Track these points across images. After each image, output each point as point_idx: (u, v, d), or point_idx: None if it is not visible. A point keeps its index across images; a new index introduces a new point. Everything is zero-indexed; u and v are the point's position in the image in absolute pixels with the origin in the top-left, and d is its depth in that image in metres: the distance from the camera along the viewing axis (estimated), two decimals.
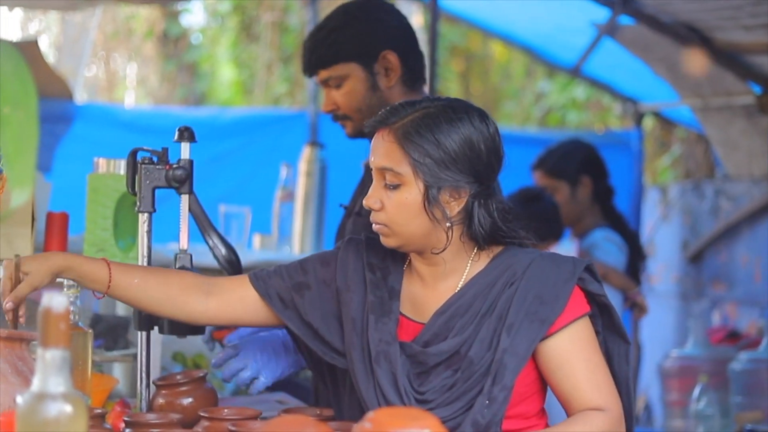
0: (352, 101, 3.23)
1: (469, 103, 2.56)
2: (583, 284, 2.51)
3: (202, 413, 2.65)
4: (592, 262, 2.58)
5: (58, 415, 1.68)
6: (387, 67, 3.24)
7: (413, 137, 2.45)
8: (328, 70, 3.24)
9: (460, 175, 2.45)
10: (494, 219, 2.49)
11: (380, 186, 2.50)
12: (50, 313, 1.71)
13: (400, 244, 2.52)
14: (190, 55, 12.74)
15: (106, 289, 2.65)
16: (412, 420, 1.78)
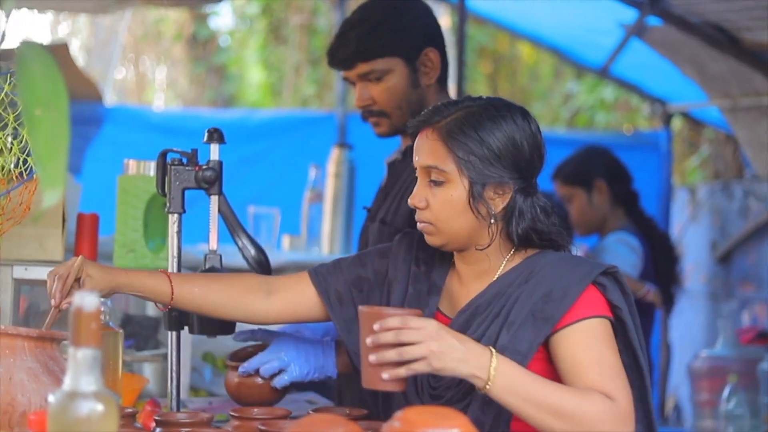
0: (392, 97, 3.19)
1: (510, 101, 2.58)
2: (603, 291, 2.48)
3: (232, 413, 2.66)
4: (618, 270, 2.52)
5: (90, 413, 1.70)
6: (428, 64, 3.22)
7: (457, 135, 2.47)
8: (369, 63, 3.19)
9: (504, 171, 2.47)
10: (535, 216, 2.50)
11: (425, 184, 2.53)
12: (81, 312, 1.73)
13: (444, 242, 2.54)
14: (219, 57, 12.76)
15: (170, 300, 2.71)
16: (442, 419, 1.79)
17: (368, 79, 3.21)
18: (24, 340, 2.38)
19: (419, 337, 2.25)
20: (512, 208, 2.50)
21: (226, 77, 12.81)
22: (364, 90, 3.22)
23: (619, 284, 2.50)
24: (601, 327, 2.44)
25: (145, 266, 3.48)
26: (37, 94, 1.63)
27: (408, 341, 2.25)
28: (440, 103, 2.58)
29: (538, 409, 2.29)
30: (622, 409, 2.33)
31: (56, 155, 1.60)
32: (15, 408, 2.29)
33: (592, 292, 2.46)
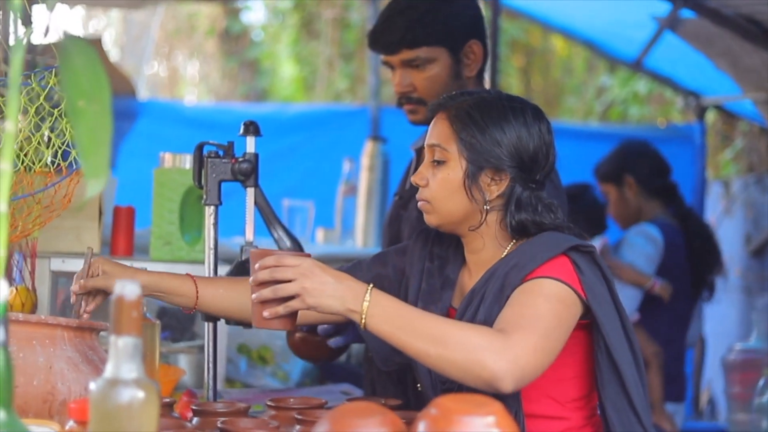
0: (433, 86, 3.18)
1: (527, 100, 2.62)
2: (576, 268, 2.42)
3: (269, 402, 2.68)
4: (594, 251, 2.47)
5: (131, 400, 1.71)
6: (471, 57, 3.23)
7: (464, 118, 2.52)
8: (414, 50, 3.18)
9: (502, 161, 2.50)
10: (533, 211, 2.52)
11: (428, 163, 2.57)
12: (123, 301, 1.74)
13: (440, 222, 2.57)
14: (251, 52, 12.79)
15: (195, 303, 2.72)
16: (478, 406, 1.80)
17: (411, 65, 3.20)
18: (63, 330, 2.41)
19: (293, 275, 2.29)
20: (509, 198, 2.52)
21: (258, 72, 12.83)
22: (404, 76, 3.22)
23: (598, 267, 2.45)
24: (554, 287, 2.38)
25: (180, 258, 3.50)
26: (80, 86, 1.65)
27: (282, 278, 2.29)
28: (459, 90, 2.64)
29: (413, 337, 2.27)
30: (510, 344, 2.25)
31: (99, 147, 1.62)
32: (55, 396, 2.32)
33: (561, 261, 2.42)
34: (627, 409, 2.46)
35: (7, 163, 1.57)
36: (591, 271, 2.43)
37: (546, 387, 2.50)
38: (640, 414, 2.46)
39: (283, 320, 2.37)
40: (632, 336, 2.48)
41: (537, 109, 2.59)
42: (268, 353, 4.06)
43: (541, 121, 2.56)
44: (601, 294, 2.43)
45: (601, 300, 2.42)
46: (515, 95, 2.64)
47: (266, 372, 4.01)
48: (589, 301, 2.40)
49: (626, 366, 2.45)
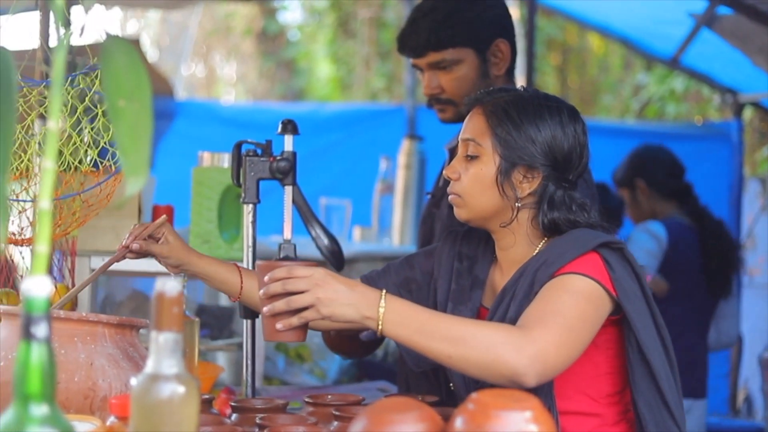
0: (461, 86, 3.18)
1: (563, 100, 2.62)
2: (607, 264, 2.41)
3: (306, 399, 2.69)
4: (624, 247, 2.45)
5: (171, 395, 1.72)
6: (498, 55, 3.22)
7: (499, 114, 2.53)
8: (440, 52, 3.18)
9: (536, 159, 2.50)
10: (566, 210, 2.52)
11: (462, 158, 2.57)
12: (164, 297, 1.75)
13: (470, 216, 2.57)
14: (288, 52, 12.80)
15: (239, 293, 2.75)
16: (515, 402, 1.80)
17: (438, 67, 3.20)
18: (104, 327, 2.43)
19: (306, 286, 2.28)
20: (542, 196, 2.52)
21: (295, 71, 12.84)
22: (432, 78, 3.22)
23: (628, 263, 2.44)
24: (581, 283, 2.37)
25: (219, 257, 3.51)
26: (121, 85, 1.66)
27: (295, 290, 2.29)
28: (497, 87, 2.65)
29: (430, 339, 2.26)
30: (530, 339, 2.24)
31: (139, 145, 1.63)
32: (96, 393, 2.33)
33: (592, 258, 2.41)
34: (660, 406, 2.44)
35: (50, 161, 1.58)
36: (621, 267, 2.42)
37: (579, 383, 2.50)
38: (672, 410, 2.45)
39: (296, 332, 2.38)
40: (664, 332, 2.47)
41: (573, 109, 2.58)
42: (306, 351, 4.08)
43: (577, 122, 2.55)
44: (632, 290, 2.42)
45: (631, 296, 2.41)
46: (552, 95, 2.64)
47: (304, 369, 4.02)
48: (620, 297, 2.39)
49: (658, 362, 2.44)
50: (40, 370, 1.54)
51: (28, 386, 1.53)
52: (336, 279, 2.31)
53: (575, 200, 2.54)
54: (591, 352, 2.42)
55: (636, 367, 2.44)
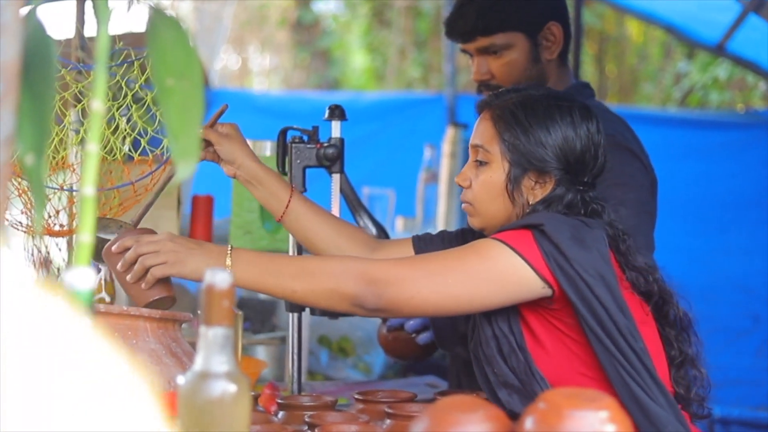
0: (511, 72, 3.06)
1: (575, 97, 2.53)
2: (538, 244, 2.31)
3: (356, 396, 2.61)
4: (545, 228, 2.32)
5: (222, 394, 1.64)
6: (550, 39, 3.09)
7: (507, 118, 2.46)
8: (490, 37, 3.05)
9: (547, 163, 2.42)
10: (580, 213, 2.42)
11: (472, 164, 2.52)
12: (213, 290, 1.67)
13: (483, 224, 2.52)
14: (323, 42, 12.76)
15: (284, 209, 2.71)
16: (589, 401, 1.70)
17: (487, 52, 3.08)
18: (146, 321, 2.35)
19: (155, 247, 2.40)
20: (556, 200, 2.42)
21: (330, 62, 12.82)
22: (482, 64, 3.09)
23: (554, 246, 2.32)
24: (488, 245, 2.34)
25: (262, 248, 3.44)
26: (169, 63, 1.56)
27: (146, 252, 2.40)
28: (506, 88, 2.58)
29: (277, 278, 2.36)
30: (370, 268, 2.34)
31: (189, 127, 1.53)
32: None
33: (522, 233, 2.33)
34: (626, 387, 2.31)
35: (94, 145, 1.48)
36: (552, 247, 2.31)
37: (572, 365, 2.39)
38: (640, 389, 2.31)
39: (160, 287, 2.44)
40: (613, 315, 2.31)
41: (586, 108, 2.49)
42: (349, 345, 4.00)
43: (590, 121, 2.46)
44: (567, 270, 2.30)
45: (566, 276, 2.30)
46: (564, 93, 2.57)
47: (347, 364, 3.95)
48: (555, 276, 2.30)
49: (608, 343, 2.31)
50: None
51: None
52: (182, 238, 2.44)
53: (590, 202, 2.44)
54: (558, 335, 2.37)
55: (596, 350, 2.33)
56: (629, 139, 2.92)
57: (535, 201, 2.44)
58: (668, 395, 2.33)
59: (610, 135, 2.63)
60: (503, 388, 2.42)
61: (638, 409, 2.29)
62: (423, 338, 2.96)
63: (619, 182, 2.71)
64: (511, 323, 2.40)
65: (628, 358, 2.29)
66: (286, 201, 2.70)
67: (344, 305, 2.36)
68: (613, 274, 2.33)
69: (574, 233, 2.32)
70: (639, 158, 2.88)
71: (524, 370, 2.38)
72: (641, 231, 2.71)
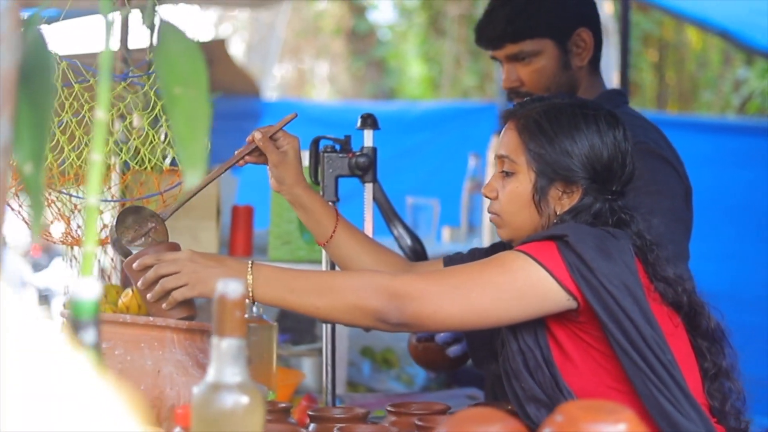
0: (540, 79, 3.01)
1: (601, 105, 2.49)
2: (562, 255, 2.27)
3: (389, 408, 2.58)
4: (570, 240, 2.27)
5: (234, 406, 1.63)
6: (580, 45, 3.03)
7: (532, 127, 2.42)
8: (519, 44, 3.01)
9: (573, 172, 2.38)
10: (612, 225, 2.37)
11: (498, 175, 2.48)
12: (225, 300, 1.66)
13: (511, 236, 2.49)
14: (378, 51, 12.76)
15: (329, 237, 2.71)
16: (607, 414, 1.65)
17: (516, 59, 3.03)
18: (173, 332, 2.34)
19: (175, 267, 2.37)
20: (584, 210, 2.38)
21: (386, 71, 12.81)
22: (511, 71, 3.05)
23: (578, 256, 2.27)
24: (512, 256, 2.30)
25: (300, 258, 3.43)
26: (176, 71, 1.56)
27: (166, 273, 2.37)
28: (530, 97, 2.55)
29: (299, 295, 2.34)
30: (393, 282, 2.31)
31: (196, 135, 1.52)
32: (163, 402, 2.24)
33: (546, 245, 2.29)
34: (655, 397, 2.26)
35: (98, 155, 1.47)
36: (575, 258, 2.26)
37: (601, 378, 2.34)
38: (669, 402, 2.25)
39: (181, 309, 2.41)
40: (640, 328, 2.25)
41: (612, 115, 2.44)
42: (393, 356, 3.97)
43: (617, 128, 2.42)
44: (592, 282, 2.25)
45: (591, 288, 2.25)
46: (590, 101, 2.52)
47: (390, 375, 3.92)
48: (579, 287, 2.25)
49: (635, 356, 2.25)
50: None
51: None
52: (203, 256, 2.40)
53: (618, 211, 2.39)
54: (585, 348, 2.32)
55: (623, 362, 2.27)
56: (662, 146, 2.86)
57: (563, 211, 2.40)
58: (699, 409, 2.27)
59: (642, 142, 2.58)
60: (531, 403, 2.37)
61: (667, 423, 2.23)
62: (454, 351, 2.91)
63: (650, 190, 2.65)
64: (537, 337, 2.36)
65: (655, 370, 2.24)
66: (330, 230, 2.70)
67: (367, 320, 2.33)
68: (639, 285, 2.28)
69: (598, 244, 2.28)
70: (672, 165, 2.82)
71: (551, 385, 2.33)
72: (673, 240, 2.65)
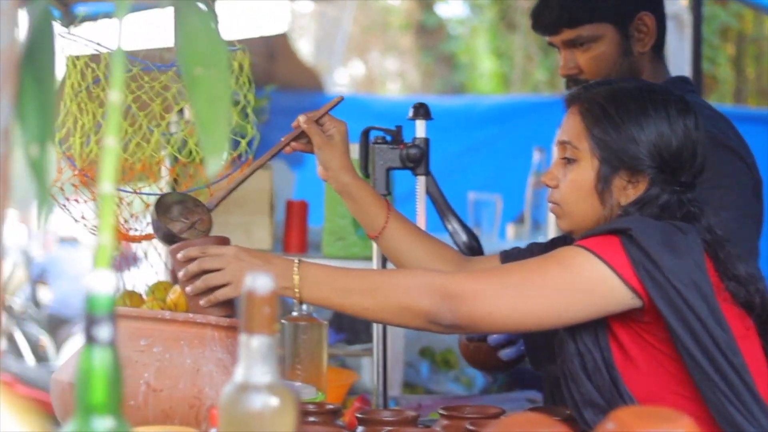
0: (600, 66, 2.86)
1: (673, 91, 2.34)
2: (626, 251, 2.14)
3: (441, 411, 2.48)
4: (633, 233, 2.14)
5: (263, 408, 1.53)
6: (642, 30, 2.88)
7: (596, 112, 2.28)
8: (576, 29, 2.86)
9: (640, 161, 2.24)
10: (682, 218, 2.22)
11: (559, 162, 2.35)
12: (253, 296, 1.56)
13: (571, 227, 2.35)
14: (448, 46, 12.67)
15: (380, 229, 2.60)
16: (662, 421, 1.54)
17: (574, 45, 2.89)
18: (214, 330, 2.26)
19: (220, 264, 2.28)
20: (650, 202, 2.24)
21: (455, 66, 12.72)
22: (569, 57, 2.91)
23: (642, 250, 2.14)
24: (572, 252, 2.18)
25: (354, 255, 3.34)
26: (196, 51, 1.48)
27: (210, 268, 2.29)
28: (596, 80, 2.44)
29: (347, 295, 2.26)
30: (445, 281, 2.20)
31: (218, 117, 1.44)
32: (202, 402, 2.16)
33: (609, 239, 2.16)
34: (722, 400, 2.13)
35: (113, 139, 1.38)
36: (640, 253, 2.13)
37: (666, 383, 2.21)
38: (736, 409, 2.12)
39: (221, 308, 2.34)
40: (710, 328, 2.12)
41: (683, 101, 2.30)
42: (453, 357, 3.88)
43: (687, 116, 2.27)
44: (657, 278, 2.12)
45: (657, 285, 2.12)
46: (660, 86, 2.38)
47: (449, 377, 3.83)
48: (644, 285, 2.12)
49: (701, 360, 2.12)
50: (105, 378, 1.35)
51: (91, 396, 1.35)
52: (249, 254, 2.31)
53: (689, 204, 2.25)
54: (650, 351, 2.18)
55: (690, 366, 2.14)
56: (731, 138, 2.71)
57: (627, 202, 2.26)
58: None
59: (710, 132, 2.43)
60: (589, 407, 2.25)
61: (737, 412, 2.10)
62: (507, 354, 2.76)
63: (719, 184, 2.50)
64: (598, 338, 2.22)
65: (725, 375, 2.10)
66: (381, 221, 2.59)
67: (417, 322, 2.23)
68: (708, 284, 2.13)
69: (665, 238, 2.14)
70: (742, 158, 2.67)
71: (610, 389, 2.20)
72: (744, 236, 2.50)
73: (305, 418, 2.34)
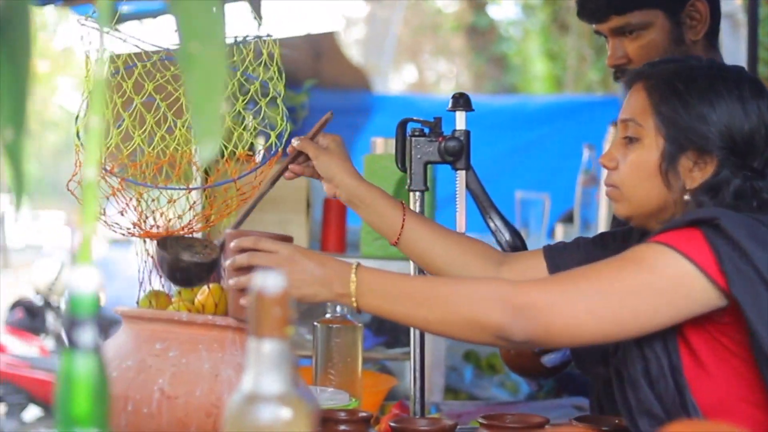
0: (650, 54, 2.69)
1: (746, 72, 2.17)
2: (711, 245, 1.96)
3: (481, 419, 2.33)
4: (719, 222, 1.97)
5: (273, 420, 1.38)
6: (695, 17, 2.73)
7: (664, 89, 2.12)
8: (625, 16, 2.72)
9: (709, 141, 2.07)
10: (758, 206, 2.05)
11: (619, 143, 2.19)
12: (263, 296, 1.41)
13: (630, 212, 2.18)
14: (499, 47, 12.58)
15: (398, 233, 2.45)
16: None
17: (622, 33, 2.75)
18: (235, 333, 2.12)
19: (271, 262, 2.11)
20: (722, 186, 2.06)
21: (507, 68, 12.63)
22: (617, 46, 2.76)
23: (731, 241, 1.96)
24: (653, 252, 1.98)
25: (393, 255, 3.22)
26: (194, 25, 1.36)
27: (260, 265, 2.11)
28: (663, 58, 2.27)
29: (409, 306, 2.07)
30: (516, 293, 2.00)
31: (212, 100, 1.33)
32: (220, 409, 2.02)
33: (690, 233, 1.98)
34: None
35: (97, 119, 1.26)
36: (727, 246, 1.96)
37: (737, 391, 2.04)
38: None
39: None
40: None
41: (757, 82, 2.13)
42: (498, 361, 3.74)
43: (762, 98, 2.10)
44: (744, 273, 1.94)
45: (744, 281, 1.94)
46: (733, 65, 2.20)
47: (494, 382, 3.69)
48: (729, 282, 1.94)
49: None
50: (88, 387, 1.24)
51: (74, 407, 1.24)
52: (305, 256, 2.13)
53: (762, 192, 2.08)
54: (724, 355, 2.02)
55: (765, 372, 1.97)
56: None
57: (693, 185, 2.09)
58: None
59: None
60: (645, 416, 2.07)
61: None
62: (550, 360, 2.63)
63: None
64: (666, 342, 2.04)
65: None
66: (398, 224, 2.43)
67: (484, 336, 2.05)
68: None
69: (751, 231, 1.97)
70: None
71: (673, 398, 2.03)
72: None
73: (336, 427, 2.21)
